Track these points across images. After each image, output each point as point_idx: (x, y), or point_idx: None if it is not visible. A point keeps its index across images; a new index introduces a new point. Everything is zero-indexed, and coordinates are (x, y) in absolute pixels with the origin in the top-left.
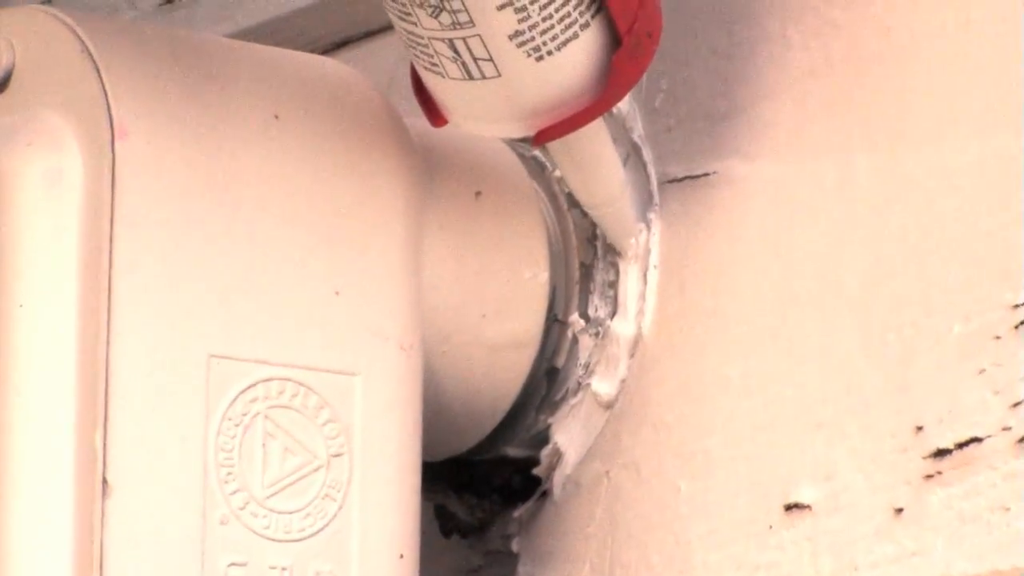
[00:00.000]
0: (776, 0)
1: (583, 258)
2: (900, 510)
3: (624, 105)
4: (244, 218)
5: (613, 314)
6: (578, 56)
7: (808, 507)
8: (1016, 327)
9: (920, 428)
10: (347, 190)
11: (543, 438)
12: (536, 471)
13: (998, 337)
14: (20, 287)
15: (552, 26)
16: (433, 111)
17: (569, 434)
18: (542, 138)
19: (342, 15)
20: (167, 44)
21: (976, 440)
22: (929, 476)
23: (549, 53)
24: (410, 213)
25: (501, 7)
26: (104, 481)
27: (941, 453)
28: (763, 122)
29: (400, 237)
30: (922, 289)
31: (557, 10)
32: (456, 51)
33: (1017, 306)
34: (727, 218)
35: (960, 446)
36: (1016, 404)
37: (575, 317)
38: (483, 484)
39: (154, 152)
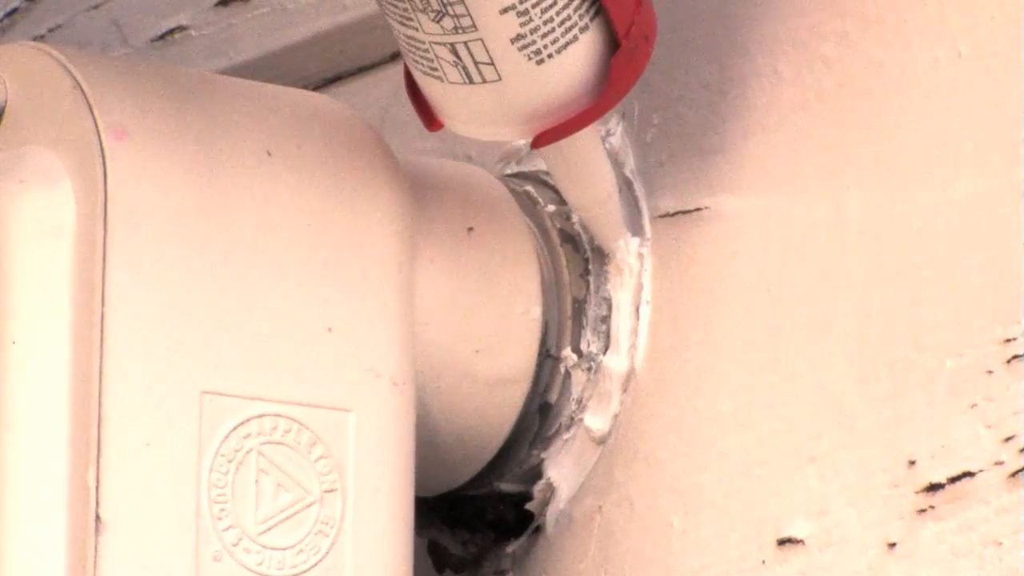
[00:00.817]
0: (768, 35)
1: (576, 293)
2: (893, 544)
3: (616, 140)
4: (236, 254)
5: (606, 349)
6: (577, 59)
7: (801, 542)
8: (1008, 362)
9: (913, 463)
10: (339, 226)
11: (536, 473)
12: (529, 506)
13: (990, 372)
14: (12, 323)
15: (553, 29)
16: (429, 116)
17: (562, 469)
18: (540, 141)
19: (334, 51)
20: (160, 80)
21: (969, 474)
22: (922, 510)
23: (549, 56)
24: (402, 249)
25: (504, 11)
26: (97, 518)
27: (934, 488)
28: (755, 157)
29: (392, 273)
30: (914, 324)
31: (558, 13)
32: (457, 55)
33: (1009, 340)
34: (719, 253)
35: (953, 480)
36: (1009, 438)
37: (568, 352)
38: (476, 519)
39: (146, 189)
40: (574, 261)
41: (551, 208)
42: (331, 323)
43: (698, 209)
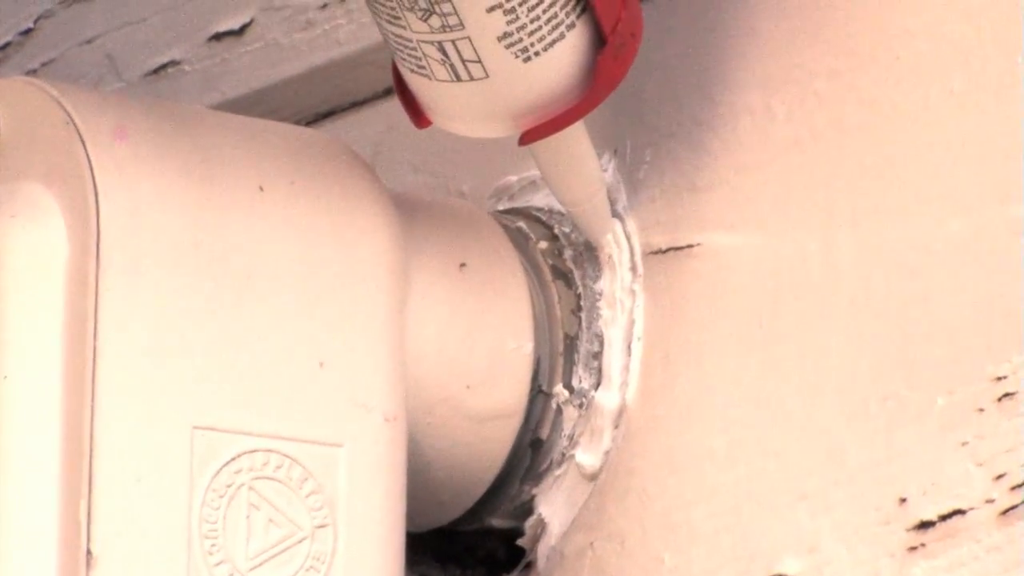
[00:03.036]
0: (760, 71)
1: (567, 329)
2: None
3: (608, 176)
4: (229, 289)
5: (597, 385)
6: (564, 56)
7: None
8: (999, 400)
9: (903, 500)
10: (332, 261)
11: (527, 509)
12: (520, 542)
13: (981, 410)
14: (4, 358)
15: (540, 27)
16: (417, 113)
17: (553, 505)
18: (528, 138)
19: (327, 86)
20: (152, 115)
21: (960, 512)
22: (913, 548)
23: (536, 54)
24: (395, 284)
25: (491, 9)
26: (88, 552)
27: (924, 525)
28: (747, 194)
29: (384, 308)
30: (905, 362)
31: (545, 11)
32: (445, 53)
33: (1000, 379)
34: (711, 289)
35: (944, 518)
36: (1000, 476)
37: (559, 388)
38: (467, 555)
39: (138, 224)
40: (566, 297)
41: (543, 244)
42: (323, 358)
43: (690, 246)
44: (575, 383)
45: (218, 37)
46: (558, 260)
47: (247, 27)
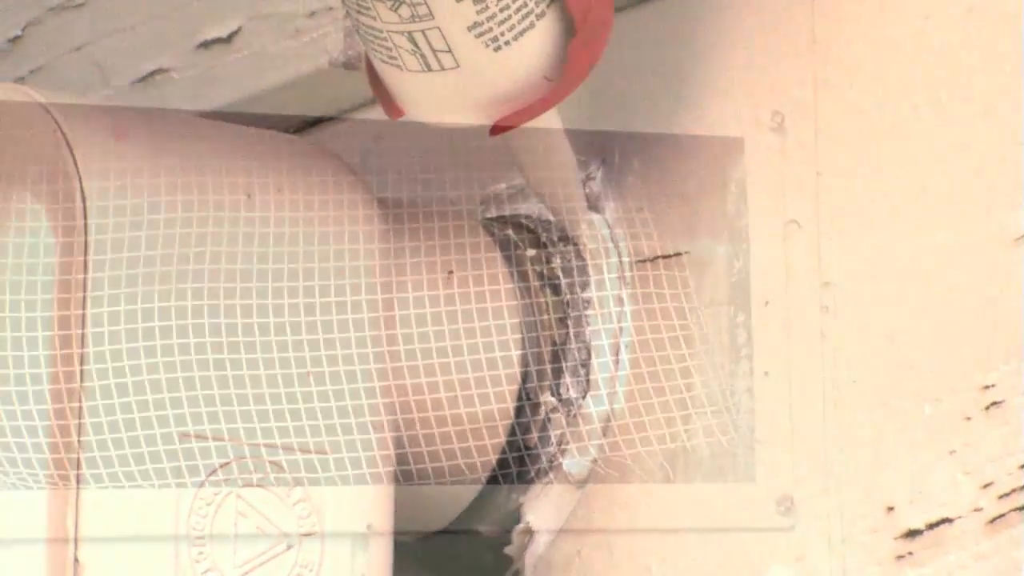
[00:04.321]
0: (748, 81)
1: (555, 337)
2: None
3: (596, 185)
4: (216, 298)
5: (585, 393)
6: (534, 45)
7: None
8: (986, 408)
9: (891, 509)
10: (319, 270)
11: (515, 517)
12: (508, 550)
13: (969, 418)
14: None
15: (509, 16)
16: (390, 104)
17: (541, 513)
18: (499, 127)
19: (314, 95)
20: (141, 123)
21: (947, 521)
22: (900, 556)
23: (507, 43)
24: (382, 292)
25: None
26: (76, 560)
27: (912, 534)
28: (734, 202)
29: (372, 316)
30: (892, 370)
31: (514, 0)
32: (415, 44)
33: (988, 387)
34: (698, 298)
35: (931, 527)
36: (987, 485)
37: (547, 396)
38: (454, 563)
39: (126, 230)
40: (554, 305)
41: (531, 252)
42: (311, 367)
43: (677, 254)
44: (563, 391)
45: (206, 45)
46: (546, 268)
47: (235, 35)
